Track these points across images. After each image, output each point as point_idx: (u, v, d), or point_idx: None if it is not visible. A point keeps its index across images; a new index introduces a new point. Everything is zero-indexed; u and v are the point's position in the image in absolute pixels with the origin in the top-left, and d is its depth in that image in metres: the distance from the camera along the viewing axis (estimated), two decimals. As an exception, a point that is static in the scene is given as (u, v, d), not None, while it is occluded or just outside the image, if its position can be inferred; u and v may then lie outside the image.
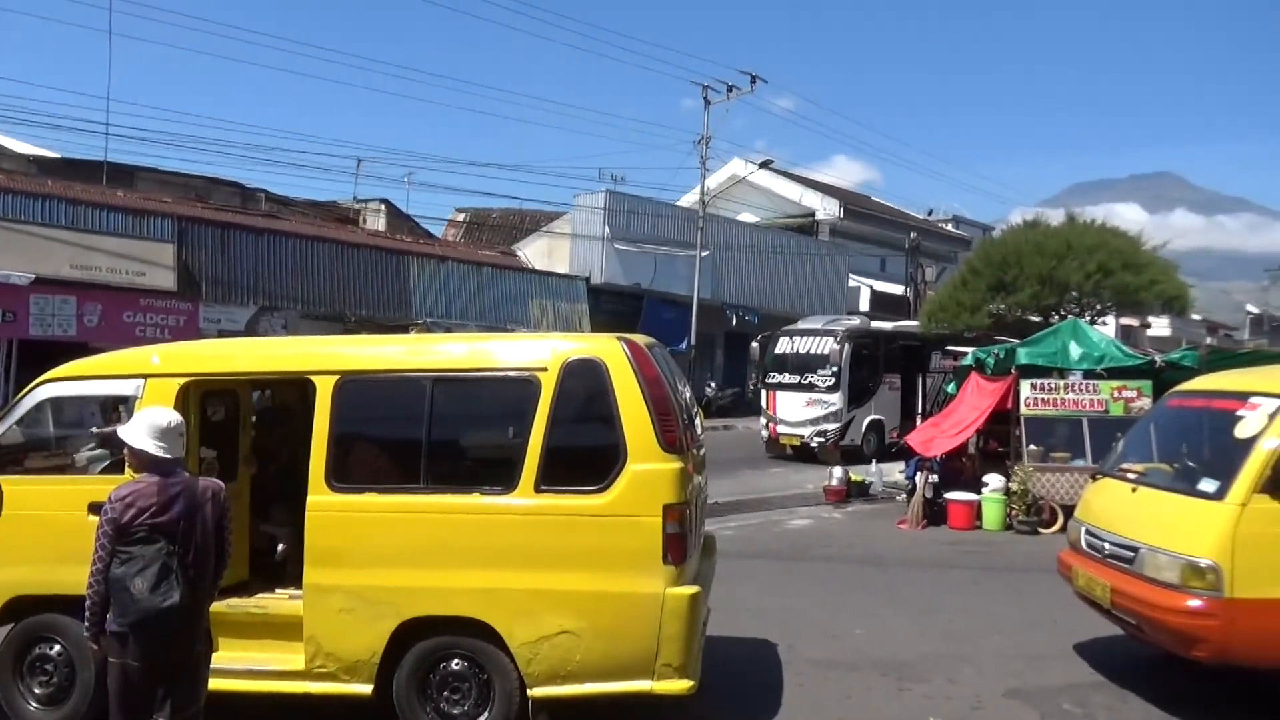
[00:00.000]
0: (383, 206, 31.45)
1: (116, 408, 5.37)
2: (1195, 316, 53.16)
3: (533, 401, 4.79)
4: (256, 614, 5.15)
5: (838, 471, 14.81)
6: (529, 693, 4.70)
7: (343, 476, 4.90)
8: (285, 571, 5.71)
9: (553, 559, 4.71)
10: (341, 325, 21.60)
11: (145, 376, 5.18)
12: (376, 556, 4.80)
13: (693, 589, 4.72)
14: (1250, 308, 71.54)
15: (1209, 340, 47.58)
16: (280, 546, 6.06)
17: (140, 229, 19.38)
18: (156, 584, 3.65)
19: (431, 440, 4.94)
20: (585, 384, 4.84)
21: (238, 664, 4.90)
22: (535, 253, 30.18)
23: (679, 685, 4.68)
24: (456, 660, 4.81)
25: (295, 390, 6.03)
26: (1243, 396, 5.75)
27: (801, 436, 19.27)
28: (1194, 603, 5.19)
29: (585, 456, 4.87)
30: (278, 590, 5.50)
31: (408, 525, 4.80)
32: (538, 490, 4.72)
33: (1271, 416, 5.35)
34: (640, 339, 5.19)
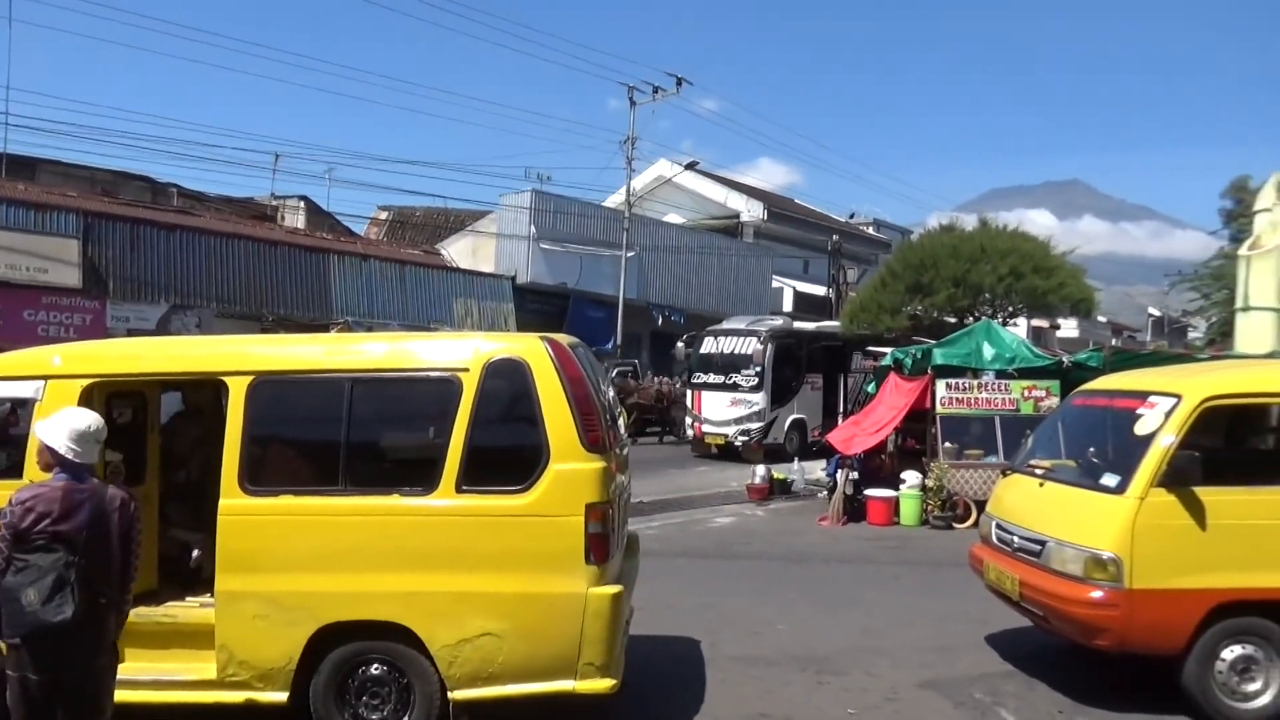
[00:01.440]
0: (302, 203, 30.73)
1: (15, 411, 5.13)
2: (1101, 319, 55.39)
3: (454, 401, 4.75)
4: (165, 623, 4.99)
5: (761, 470, 15.02)
6: (450, 696, 4.65)
7: (257, 479, 4.77)
8: (199, 578, 5.54)
9: (474, 560, 4.67)
10: (258, 324, 21.04)
11: (46, 378, 4.97)
12: (292, 561, 4.69)
13: (615, 588, 4.73)
14: (1152, 310, 74.79)
15: (1114, 342, 49.56)
16: (195, 553, 5.87)
17: (43, 224, 18.60)
18: (50, 596, 3.48)
19: (350, 441, 4.85)
20: (508, 384, 4.81)
21: (145, 674, 4.73)
22: (460, 252, 29.86)
23: (601, 684, 4.68)
24: (376, 665, 4.74)
25: (207, 391, 5.86)
26: (1142, 395, 6.00)
27: (726, 435, 19.47)
28: (1096, 594, 5.41)
29: (507, 456, 4.84)
30: (189, 598, 5.34)
31: (325, 528, 4.70)
32: (459, 491, 4.67)
33: (1168, 414, 5.60)
34: (563, 338, 5.18)
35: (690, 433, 20.67)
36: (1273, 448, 6.70)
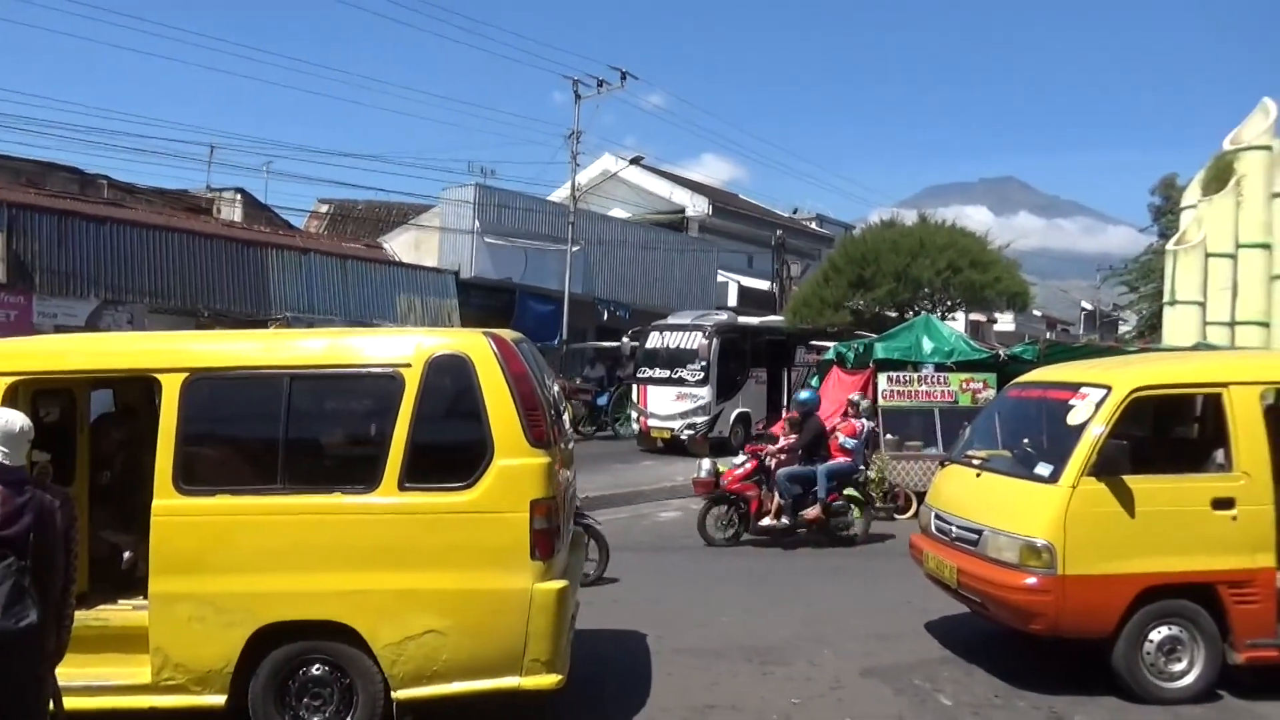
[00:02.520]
0: (239, 196, 30.02)
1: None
2: (1036, 312, 56.73)
3: (396, 398, 4.70)
4: (96, 626, 4.84)
5: (706, 464, 14.98)
6: (393, 695, 4.61)
7: (192, 479, 4.67)
8: (132, 581, 5.39)
9: (418, 558, 4.63)
10: (193, 320, 20.52)
11: (-33, 376, 4.79)
12: (229, 561, 4.60)
13: (561, 583, 4.73)
14: (1085, 304, 76.86)
15: (1048, 335, 50.84)
16: (126, 555, 5.72)
17: (-37, 216, 17.89)
18: (9, 604, 3.35)
19: (289, 439, 4.78)
20: (451, 380, 4.78)
21: (77, 680, 4.57)
22: (402, 246, 29.45)
23: (548, 680, 4.68)
24: (317, 665, 4.68)
25: (139, 389, 5.71)
26: (1074, 387, 6.18)
27: (672, 429, 19.54)
28: (1030, 580, 5.56)
29: (451, 453, 4.81)
30: (121, 601, 5.20)
31: (263, 528, 4.62)
32: (402, 488, 4.63)
33: (1098, 405, 5.77)
34: (507, 334, 5.16)
35: (636, 427, 20.70)
36: (1196, 436, 6.93)
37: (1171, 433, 7.23)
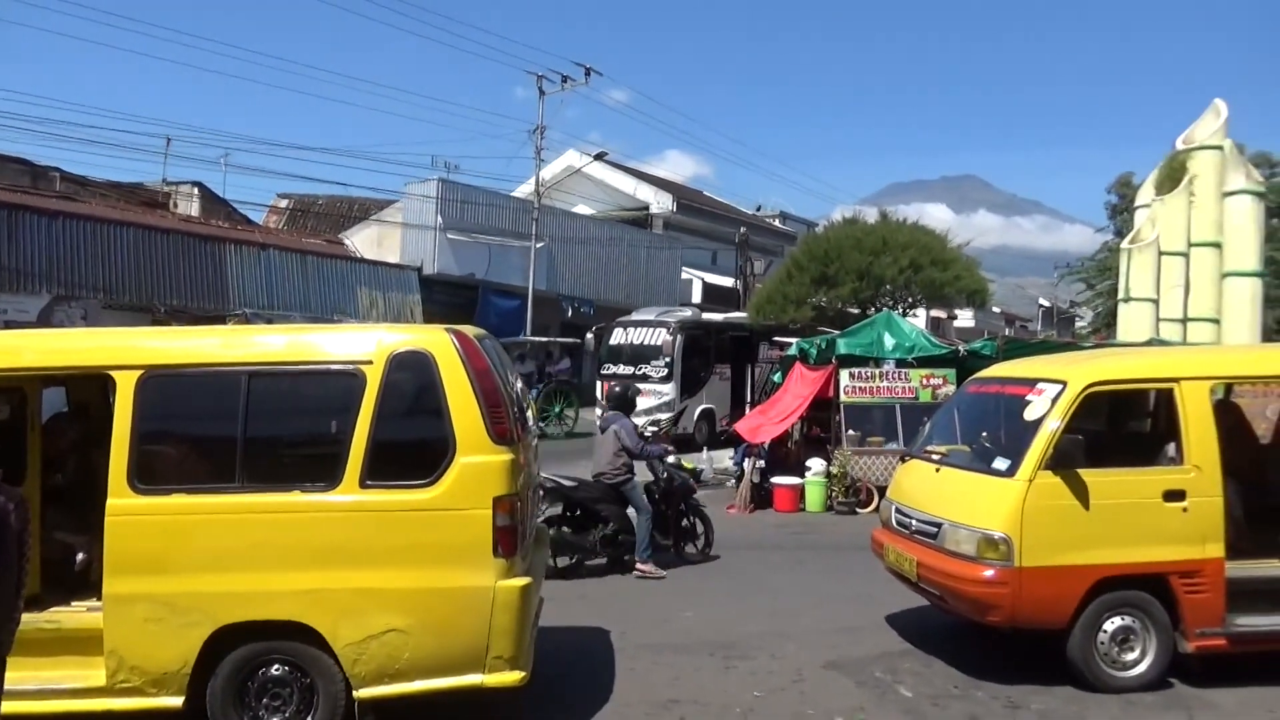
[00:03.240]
0: (196, 190, 29.52)
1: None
2: (995, 309, 57.62)
3: (357, 395, 4.65)
4: (49, 629, 4.75)
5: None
6: (355, 694, 4.57)
7: (147, 478, 4.59)
8: (86, 582, 5.29)
9: (379, 556, 4.59)
10: (149, 316, 20.17)
11: (-86, 374, 4.67)
12: (186, 561, 4.53)
13: (524, 580, 4.72)
14: (1042, 301, 78.19)
15: (1007, 331, 51.62)
16: (80, 556, 5.61)
17: (-92, 209, 17.42)
18: None
19: (247, 437, 4.71)
20: (413, 376, 4.75)
21: (29, 684, 4.50)
22: (364, 241, 29.16)
23: (511, 677, 4.67)
24: (277, 665, 4.62)
25: (93, 387, 5.60)
26: (1031, 383, 6.28)
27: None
28: (988, 572, 5.65)
29: (413, 450, 4.77)
30: (75, 603, 5.10)
31: (221, 527, 4.56)
32: (363, 486, 4.59)
33: (1054, 400, 5.88)
34: (470, 330, 5.13)
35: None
36: (1149, 431, 7.08)
37: (1125, 427, 7.38)
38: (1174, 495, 5.70)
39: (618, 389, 10.07)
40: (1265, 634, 5.83)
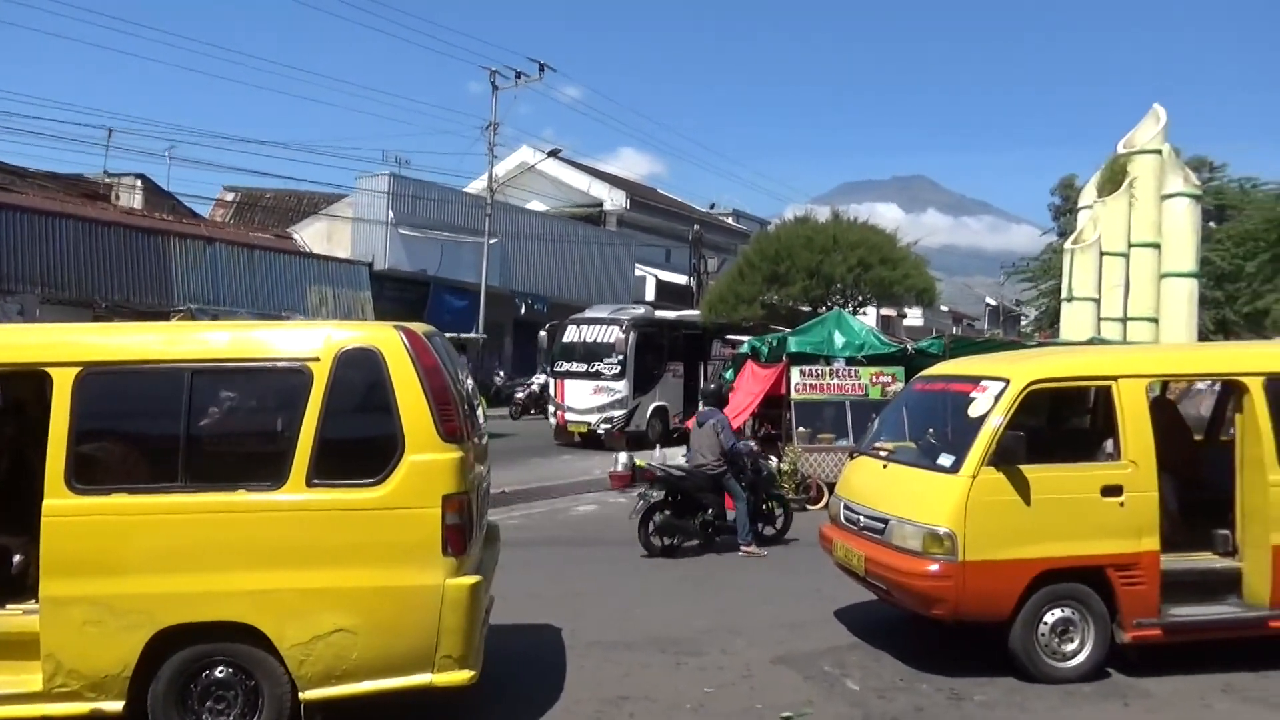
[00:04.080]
0: (139, 182, 28.84)
1: None
2: (944, 308, 58.57)
3: (304, 393, 4.60)
4: (-17, 633, 4.63)
5: (623, 457, 15.17)
6: (301, 696, 4.52)
7: (86, 478, 4.49)
8: (22, 585, 5.15)
9: (326, 556, 4.54)
10: (90, 312, 19.66)
11: None
12: (126, 562, 4.44)
13: (474, 579, 4.70)
14: (989, 300, 79.63)
15: (954, 330, 52.47)
16: (16, 558, 5.45)
17: None
18: None
19: (190, 435, 4.62)
20: (361, 374, 4.70)
21: (-40, 689, 4.39)
22: (313, 236, 28.75)
23: (460, 676, 4.65)
24: (220, 668, 4.54)
25: (29, 384, 5.45)
26: (975, 380, 6.40)
27: (589, 424, 19.56)
28: (933, 567, 5.75)
29: (361, 448, 4.73)
30: (9, 605, 4.96)
31: (163, 527, 4.47)
32: (309, 485, 4.53)
33: (997, 398, 6.00)
34: (420, 327, 5.09)
35: (553, 421, 20.66)
36: (1088, 427, 7.26)
37: (1066, 424, 7.56)
38: (1111, 490, 5.85)
39: (712, 385, 10.94)
40: (1197, 624, 6.02)
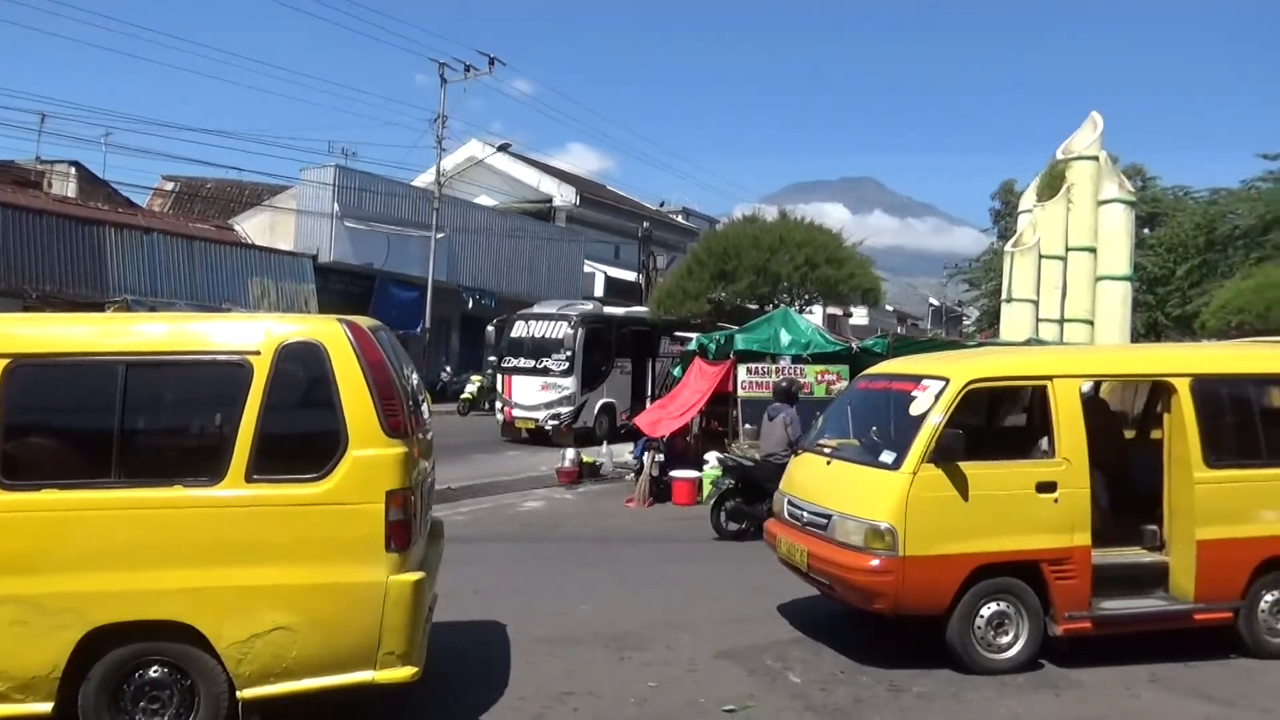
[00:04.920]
0: (73, 169, 28.02)
1: None
2: (888, 307, 59.50)
3: (244, 386, 4.51)
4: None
5: (570, 453, 15.16)
6: (238, 695, 4.44)
7: (13, 473, 4.36)
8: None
9: (266, 552, 4.47)
10: (20, 302, 19.05)
11: None
12: (56, 560, 4.32)
13: (417, 575, 4.66)
14: (932, 300, 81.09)
15: (898, 329, 53.31)
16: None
17: None
18: None
19: (125, 430, 4.51)
20: (303, 368, 4.63)
21: (-123, 693, 4.23)
22: (256, 228, 28.19)
23: (402, 673, 4.61)
24: (155, 667, 4.44)
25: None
26: (916, 379, 6.52)
27: (536, 420, 19.50)
28: (874, 562, 5.85)
29: (302, 443, 4.67)
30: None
31: (95, 524, 4.36)
32: (249, 480, 4.45)
33: (937, 396, 6.13)
34: (364, 321, 5.03)
35: (500, 417, 20.55)
36: (1025, 425, 7.44)
37: (1003, 422, 7.74)
38: (1046, 487, 6.02)
39: (783, 383, 11.55)
40: (1126, 617, 6.22)
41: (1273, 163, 27.05)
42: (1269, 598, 6.39)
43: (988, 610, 5.99)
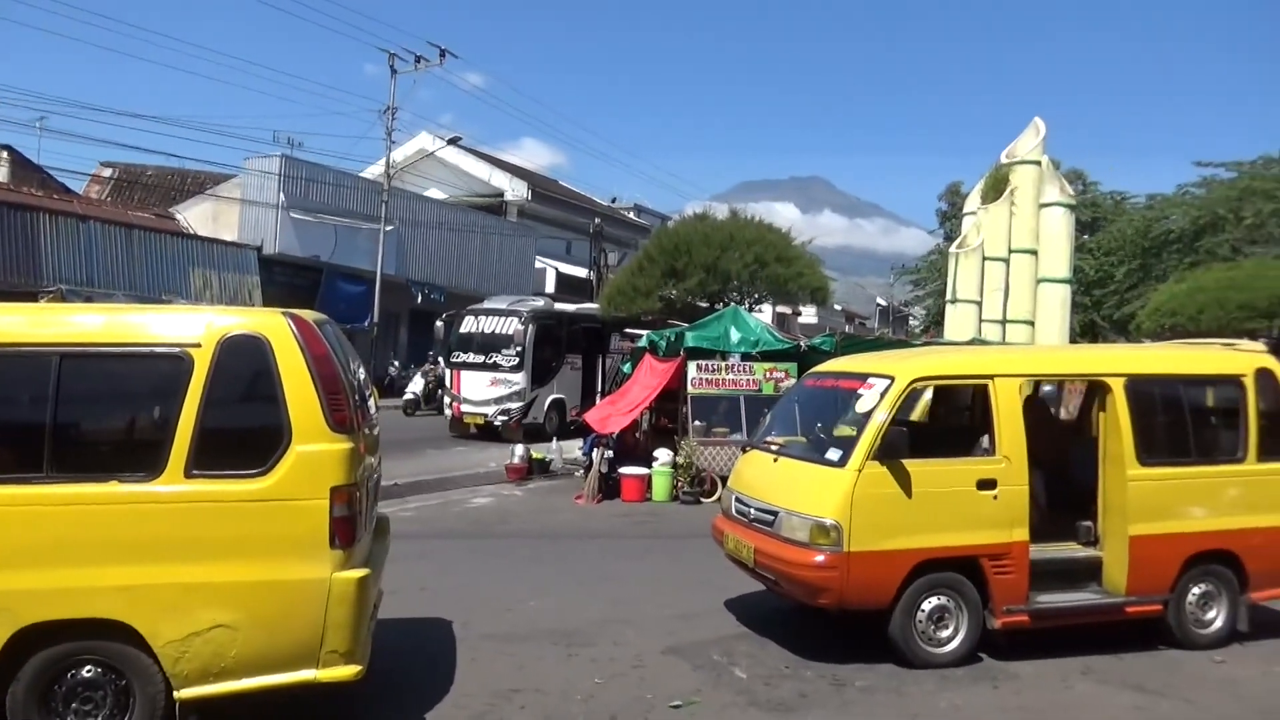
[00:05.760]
0: (5, 154, 27.10)
1: None
2: (837, 306, 60.18)
3: (183, 380, 4.42)
4: None
5: (519, 449, 15.09)
6: (176, 695, 4.35)
7: (-59, 467, 4.21)
8: None
9: (206, 549, 4.38)
10: (-52, 291, 18.38)
11: None
12: (-15, 556, 4.18)
13: (361, 572, 4.60)
14: (880, 300, 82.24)
15: (846, 328, 53.94)
16: None
17: None
18: None
19: (58, 424, 4.38)
20: (245, 361, 4.54)
21: None
22: (198, 217, 27.54)
23: (346, 671, 4.56)
24: (89, 667, 4.33)
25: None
26: (862, 377, 6.62)
27: (486, 415, 19.36)
28: (819, 557, 5.93)
29: (245, 438, 4.57)
30: None
31: (24, 520, 4.23)
32: (188, 476, 4.36)
33: (883, 394, 6.22)
34: (309, 314, 4.95)
35: (448, 412, 20.38)
36: (966, 423, 7.59)
37: (946, 420, 7.89)
38: (986, 484, 6.15)
39: None
40: (1062, 610, 6.39)
41: (1207, 170, 28.00)
42: (1196, 590, 6.62)
43: (929, 605, 6.11)
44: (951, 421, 7.86)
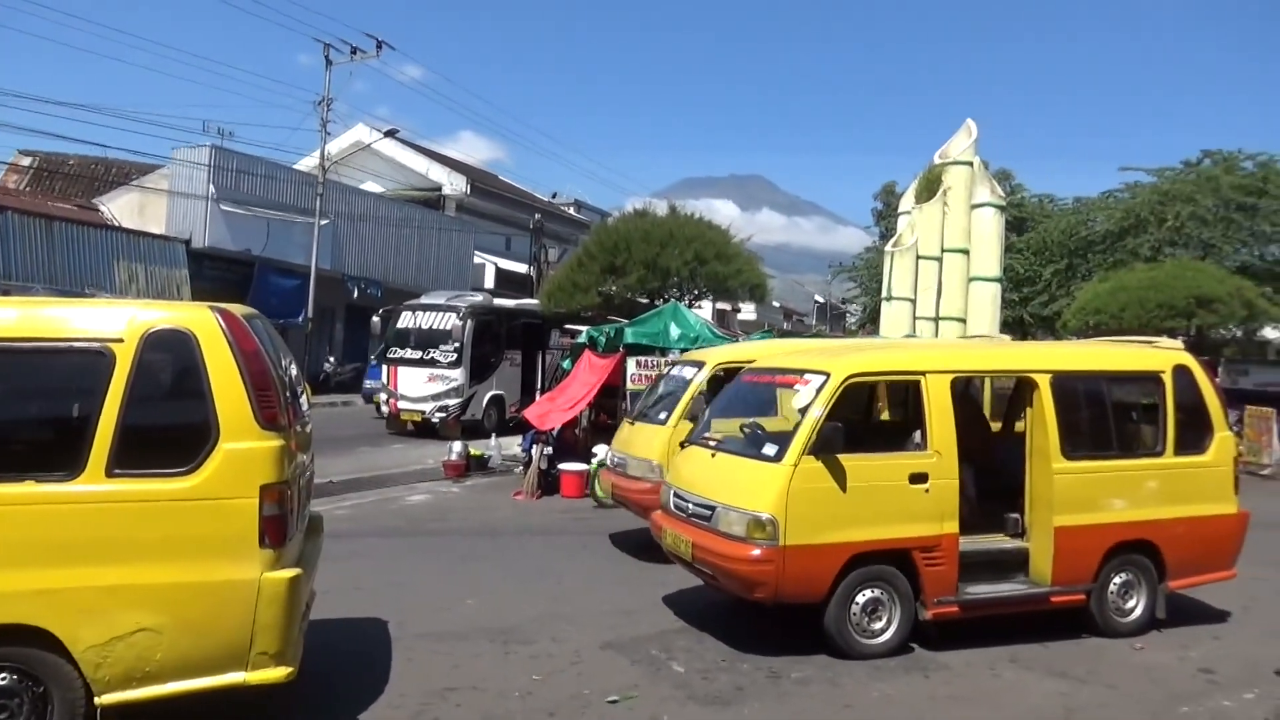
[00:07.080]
0: (-85, 140, 25.95)
1: None
2: (775, 303, 60.83)
3: (104, 376, 4.27)
4: None
5: (457, 446, 14.95)
6: (97, 700, 4.21)
7: None
8: None
9: (129, 550, 4.25)
10: None
11: None
12: (-111, 562, 4.00)
13: (292, 572, 4.51)
14: (818, 298, 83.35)
15: (785, 325, 54.57)
16: None
17: None
18: None
19: (-30, 422, 4.22)
20: (171, 357, 4.42)
21: None
22: (123, 209, 26.70)
23: (276, 673, 4.46)
24: (3, 674, 4.17)
25: None
26: (799, 373, 6.70)
27: (423, 412, 19.14)
28: (755, 552, 5.99)
29: (170, 436, 4.45)
30: None
31: (-65, 522, 4.05)
32: (110, 475, 4.22)
33: (819, 390, 6.31)
34: (238, 309, 4.83)
35: (385, 409, 20.09)
36: (900, 419, 7.74)
37: (880, 415, 8.03)
38: (918, 478, 6.28)
39: None
40: (990, 601, 6.56)
41: (1130, 175, 28.95)
42: (1117, 580, 6.84)
43: (863, 597, 6.21)
44: (886, 416, 8.00)
